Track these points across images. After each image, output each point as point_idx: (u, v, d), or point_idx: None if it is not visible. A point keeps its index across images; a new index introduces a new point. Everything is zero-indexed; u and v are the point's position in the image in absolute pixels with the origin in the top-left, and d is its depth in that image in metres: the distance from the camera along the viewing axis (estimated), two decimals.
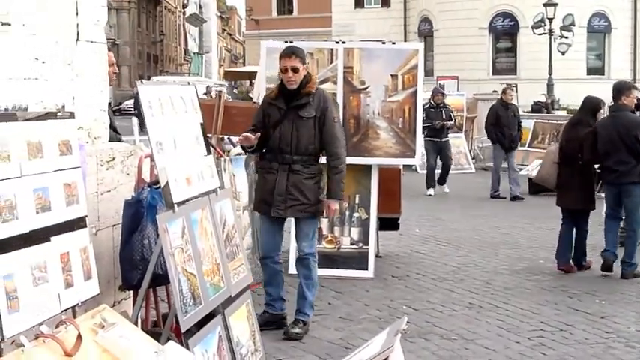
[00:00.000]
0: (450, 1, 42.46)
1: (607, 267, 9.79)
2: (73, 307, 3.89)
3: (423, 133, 17.86)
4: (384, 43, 9.68)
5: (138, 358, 3.77)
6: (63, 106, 4.04)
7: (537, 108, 28.00)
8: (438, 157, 18.36)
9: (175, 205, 4.75)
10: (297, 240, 7.42)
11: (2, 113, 3.60)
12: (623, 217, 9.99)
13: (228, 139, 9.65)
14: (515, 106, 18.67)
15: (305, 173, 7.14)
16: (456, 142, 24.37)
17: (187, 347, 4.52)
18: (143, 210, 5.63)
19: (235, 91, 49.74)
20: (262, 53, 9.79)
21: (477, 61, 41.41)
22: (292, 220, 7.43)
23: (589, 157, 9.88)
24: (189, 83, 5.66)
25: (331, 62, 9.56)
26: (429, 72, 43.79)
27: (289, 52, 7.24)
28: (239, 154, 9.03)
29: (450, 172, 22.99)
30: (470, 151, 25.25)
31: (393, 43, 9.68)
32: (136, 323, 5.56)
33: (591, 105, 10.27)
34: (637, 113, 11.40)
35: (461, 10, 41.83)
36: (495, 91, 31.99)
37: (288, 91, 7.22)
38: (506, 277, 9.73)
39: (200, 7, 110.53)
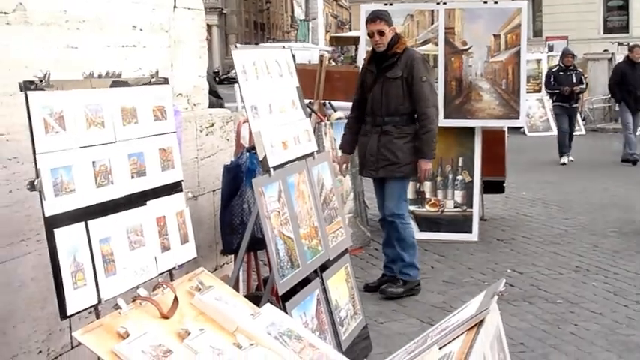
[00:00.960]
0: None
1: None
2: (170, 271, 3.93)
3: (552, 98, 17.58)
4: (485, 2, 9.47)
5: (234, 321, 3.80)
6: (157, 72, 4.04)
7: None
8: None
9: (271, 169, 4.75)
10: (385, 200, 7.37)
11: (99, 79, 3.62)
12: None
13: (330, 103, 9.63)
14: None
15: (396, 133, 7.13)
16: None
17: (285, 310, 4.53)
18: (242, 175, 5.67)
19: (342, 57, 49.68)
20: (363, 17, 9.70)
21: (587, 20, 40.29)
22: None
23: None
24: (284, 47, 5.64)
25: (432, 24, 9.43)
26: (537, 32, 43.00)
27: (374, 17, 7.33)
28: (339, 119, 9.01)
29: (555, 133, 22.68)
30: (580, 113, 24.67)
31: (496, 2, 9.43)
32: (235, 286, 5.64)
33: None
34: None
35: None
36: (606, 51, 31.22)
37: (378, 54, 7.28)
38: (615, 240, 9.49)
39: None
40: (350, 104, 10.12)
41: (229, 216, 5.71)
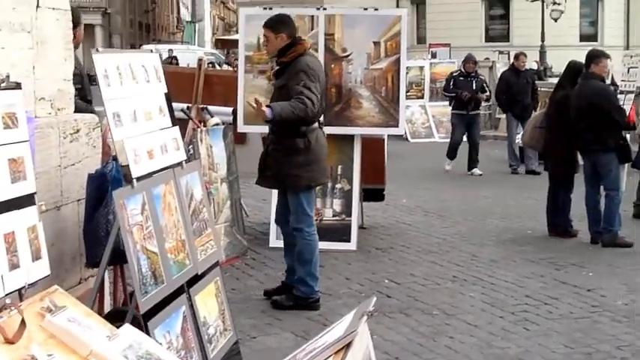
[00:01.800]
0: None
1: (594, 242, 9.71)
2: (19, 290, 3.66)
3: (450, 104, 16.99)
4: (366, 9, 9.38)
5: (87, 344, 3.55)
6: (7, 76, 3.76)
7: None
8: (466, 133, 16.27)
9: (134, 180, 4.51)
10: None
11: None
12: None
13: (206, 108, 9.39)
14: (530, 72, 18.00)
15: (277, 145, 7.03)
16: (447, 110, 24.15)
17: (147, 330, 4.30)
18: (107, 184, 5.40)
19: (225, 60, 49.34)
20: (241, 20, 9.54)
21: (470, 28, 41.08)
22: None
23: (556, 120, 9.97)
24: (152, 51, 5.40)
25: (312, 30, 9.29)
26: (421, 39, 43.66)
27: (264, 23, 7.30)
28: (216, 125, 8.79)
29: (440, 139, 22.93)
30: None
31: (376, 9, 9.36)
32: (100, 301, 5.37)
33: (570, 69, 10.36)
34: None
35: None
36: (487, 59, 31.75)
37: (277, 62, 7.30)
38: (493, 249, 9.53)
39: None
40: (229, 109, 9.94)
41: (94, 227, 5.44)
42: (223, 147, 8.61)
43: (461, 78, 16.48)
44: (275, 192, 8.17)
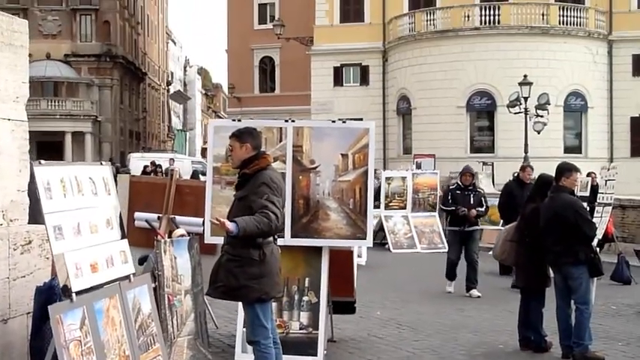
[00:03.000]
0: (428, 80, 42.62)
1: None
2: None
3: (446, 219, 16.19)
4: (334, 121, 9.44)
5: None
6: None
7: None
8: (463, 251, 15.21)
9: (74, 295, 4.44)
10: None
11: None
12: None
13: (172, 219, 9.36)
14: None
15: (231, 255, 6.98)
16: (429, 220, 24.20)
17: None
18: (56, 297, 5.32)
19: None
20: (210, 132, 9.56)
21: (454, 139, 41.45)
22: None
23: (527, 233, 10.02)
24: (101, 163, 5.39)
25: (280, 141, 9.33)
26: (407, 150, 44.01)
27: (230, 133, 7.41)
28: (182, 235, 8.74)
29: (422, 250, 22.88)
30: (444, 230, 24.94)
31: (344, 122, 9.42)
32: None
33: (539, 183, 10.43)
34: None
35: (439, 89, 41.97)
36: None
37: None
38: None
39: (185, 85, 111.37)
40: (200, 220, 9.91)
41: (40, 341, 5.34)
42: (188, 258, 8.54)
43: (458, 191, 15.33)
44: None
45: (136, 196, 10.68)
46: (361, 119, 42.90)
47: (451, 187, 15.92)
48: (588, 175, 17.12)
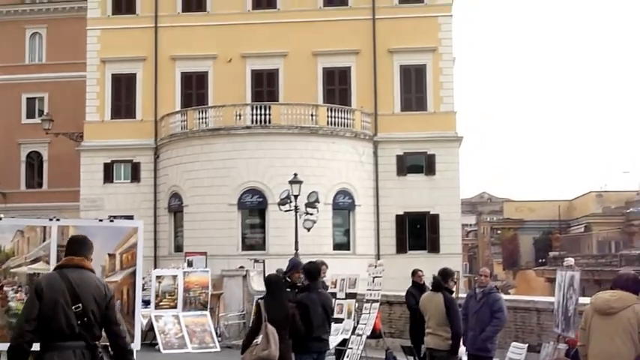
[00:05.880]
0: (199, 178, 42.67)
1: None
2: None
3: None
4: (101, 220, 9.20)
5: None
6: None
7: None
8: None
9: None
10: None
11: None
12: None
13: None
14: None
15: None
16: (201, 319, 23.94)
17: None
18: None
19: None
20: None
21: (226, 236, 41.49)
22: None
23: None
24: None
25: (44, 240, 8.97)
26: (178, 248, 43.61)
27: None
28: None
29: (194, 350, 22.55)
30: (216, 329, 24.74)
31: (112, 220, 9.20)
32: None
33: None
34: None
35: (211, 187, 42.07)
36: (242, 267, 32.07)
37: None
38: None
39: None
40: None
41: None
42: None
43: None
44: None
45: None
46: (132, 217, 42.51)
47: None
48: (414, 273, 17.60)
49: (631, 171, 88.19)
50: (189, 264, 32.00)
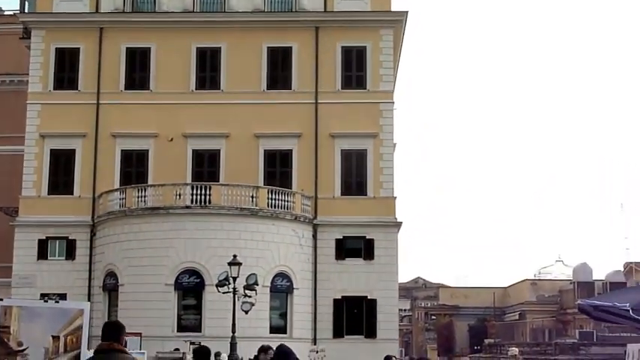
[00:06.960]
0: (136, 257, 42.08)
1: None
2: None
3: None
4: (46, 301, 8.95)
5: None
6: None
7: None
8: None
9: None
10: None
11: None
12: None
13: None
14: None
15: None
16: None
17: None
18: None
19: None
20: None
21: (162, 317, 40.80)
22: None
23: None
24: None
25: None
26: None
27: None
28: None
29: None
30: None
31: (57, 302, 8.96)
32: None
33: None
34: None
35: (147, 266, 41.48)
36: (177, 349, 31.52)
37: None
38: None
39: None
40: None
41: None
42: None
43: None
44: None
45: None
46: (65, 295, 41.66)
47: None
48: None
49: (564, 259, 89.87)
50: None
